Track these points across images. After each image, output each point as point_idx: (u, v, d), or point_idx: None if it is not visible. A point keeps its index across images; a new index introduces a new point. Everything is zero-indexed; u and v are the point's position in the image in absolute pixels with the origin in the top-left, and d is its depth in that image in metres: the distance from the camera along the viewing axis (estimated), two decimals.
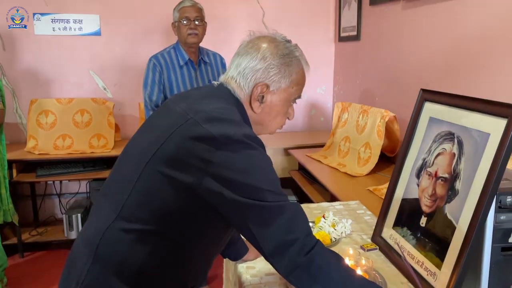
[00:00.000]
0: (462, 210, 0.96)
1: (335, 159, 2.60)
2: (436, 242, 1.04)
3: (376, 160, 2.29)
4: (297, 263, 0.83)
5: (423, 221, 1.11)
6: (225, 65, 2.51)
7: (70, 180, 3.10)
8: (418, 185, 1.17)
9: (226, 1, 3.35)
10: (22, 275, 2.70)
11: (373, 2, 2.82)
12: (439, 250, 1.02)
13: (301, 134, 3.48)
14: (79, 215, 2.98)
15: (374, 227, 1.35)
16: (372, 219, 1.52)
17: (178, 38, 2.38)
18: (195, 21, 2.31)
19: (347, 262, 1.10)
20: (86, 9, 3.16)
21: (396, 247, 1.19)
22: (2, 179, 2.51)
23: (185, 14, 2.30)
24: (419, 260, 1.08)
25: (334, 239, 1.34)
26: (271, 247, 0.84)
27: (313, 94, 3.62)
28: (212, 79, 2.42)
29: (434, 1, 2.16)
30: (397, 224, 1.24)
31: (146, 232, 0.88)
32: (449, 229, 1.00)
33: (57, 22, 3.14)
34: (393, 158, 2.48)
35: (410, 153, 1.25)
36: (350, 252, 1.14)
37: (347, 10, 3.22)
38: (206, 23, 2.38)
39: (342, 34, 3.37)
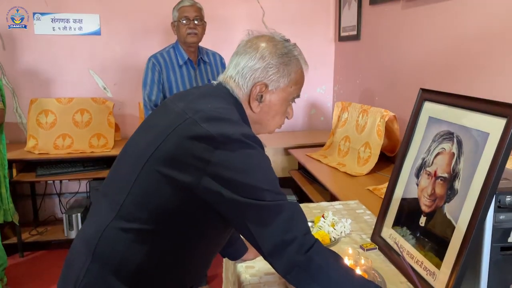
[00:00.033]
0: (461, 210, 0.96)
1: (335, 159, 2.59)
2: (435, 241, 1.04)
3: (375, 159, 2.29)
4: (295, 262, 0.83)
5: (423, 220, 1.11)
6: (224, 64, 2.51)
7: (70, 179, 3.10)
8: (417, 184, 1.17)
9: (226, 0, 3.35)
10: (22, 275, 2.70)
11: (373, 1, 2.81)
12: (439, 250, 1.01)
13: (301, 134, 3.48)
14: (79, 215, 2.98)
15: (373, 227, 1.35)
16: (371, 219, 1.52)
17: (177, 37, 2.38)
18: (195, 20, 2.30)
19: (347, 262, 1.09)
20: (86, 8, 3.16)
21: (395, 247, 1.19)
22: (3, 179, 2.51)
23: (184, 14, 2.30)
24: (419, 259, 1.08)
25: (333, 239, 1.34)
26: (270, 247, 0.84)
27: (313, 94, 3.62)
28: (211, 79, 2.42)
29: (434, 0, 2.15)
30: (396, 223, 1.24)
31: (144, 231, 0.88)
32: (448, 228, 0.99)
33: (57, 21, 3.14)
34: (393, 158, 2.48)
35: (410, 152, 1.25)
36: (350, 251, 1.14)
37: (347, 9, 3.22)
38: (205, 23, 2.38)
39: (342, 34, 3.37)
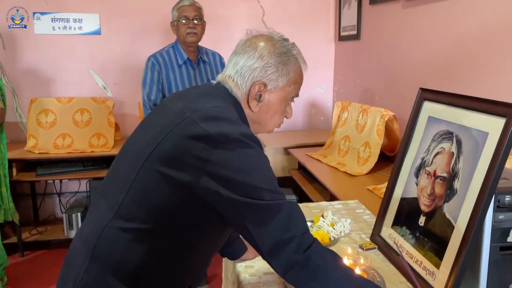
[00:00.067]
0: (461, 209, 0.96)
1: (335, 158, 2.59)
2: (435, 241, 1.04)
3: (375, 159, 2.29)
4: (294, 262, 0.83)
5: (422, 220, 1.11)
6: (224, 64, 2.51)
7: (70, 179, 3.10)
8: (417, 184, 1.17)
9: (226, 0, 3.35)
10: (22, 274, 2.70)
11: (373, 1, 2.81)
12: (438, 250, 1.01)
13: (301, 133, 3.48)
14: (79, 214, 2.99)
15: (373, 226, 1.35)
16: (371, 219, 1.52)
17: (177, 37, 2.38)
18: (194, 20, 2.30)
19: (346, 262, 1.09)
20: (86, 8, 3.16)
21: (394, 247, 1.19)
22: (3, 178, 2.52)
23: (184, 13, 2.30)
24: (418, 259, 1.08)
25: (333, 238, 1.34)
26: (268, 246, 0.83)
27: (313, 93, 3.62)
28: (211, 78, 2.42)
29: (434, 0, 2.15)
30: (396, 223, 1.24)
31: (143, 231, 0.88)
32: (447, 228, 0.99)
33: (57, 21, 3.14)
34: (392, 158, 2.48)
35: (409, 152, 1.25)
36: (349, 251, 1.14)
37: (347, 9, 3.22)
38: (205, 22, 2.37)
39: (342, 33, 3.37)
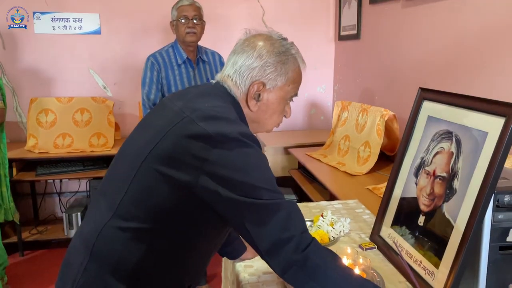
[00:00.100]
0: (460, 209, 0.96)
1: (335, 158, 2.59)
2: (434, 241, 1.04)
3: (375, 159, 2.29)
4: (292, 261, 0.83)
5: (421, 220, 1.11)
6: (223, 63, 2.50)
7: (70, 178, 3.10)
8: (416, 184, 1.17)
9: (226, 0, 3.35)
10: (22, 274, 2.71)
11: (373, 1, 2.81)
12: (438, 249, 1.01)
13: (301, 133, 3.48)
14: (79, 214, 2.99)
15: (372, 226, 1.35)
16: (370, 218, 1.52)
17: (176, 36, 2.38)
18: (193, 19, 2.30)
19: (345, 261, 1.09)
20: (86, 8, 3.16)
21: (394, 246, 1.19)
22: (3, 178, 2.52)
23: (183, 13, 2.30)
24: (417, 259, 1.08)
25: (332, 238, 1.34)
26: (267, 246, 0.83)
27: (313, 93, 3.62)
28: (210, 78, 2.42)
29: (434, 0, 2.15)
30: (395, 223, 1.24)
31: (142, 230, 0.88)
32: (447, 228, 0.99)
33: (57, 21, 3.14)
34: (392, 157, 2.48)
35: (409, 152, 1.24)
36: (348, 251, 1.14)
37: (347, 9, 3.22)
38: (204, 22, 2.37)
39: (342, 33, 3.36)
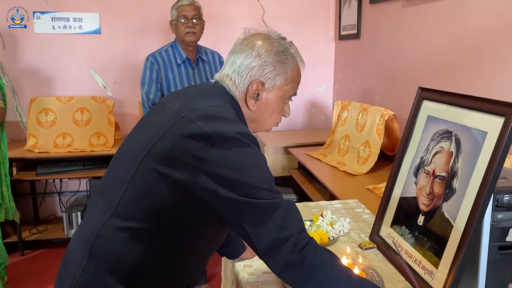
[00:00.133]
0: (460, 209, 0.96)
1: (335, 158, 2.59)
2: (434, 241, 1.04)
3: (375, 158, 2.28)
4: (290, 261, 0.83)
5: (421, 219, 1.11)
6: (223, 63, 2.50)
7: (70, 178, 3.10)
8: (416, 183, 1.16)
9: None
10: (22, 273, 2.71)
11: (373, 0, 2.81)
12: (437, 249, 1.01)
13: (301, 133, 3.47)
14: (79, 213, 2.99)
15: (372, 226, 1.35)
16: (370, 218, 1.51)
17: (176, 36, 2.37)
18: (193, 19, 2.30)
19: (345, 261, 1.09)
20: (86, 7, 3.16)
21: (393, 246, 1.18)
22: (4, 177, 2.52)
23: (182, 13, 2.29)
24: (417, 258, 1.08)
25: (332, 238, 1.34)
26: (265, 245, 0.83)
27: (313, 93, 3.61)
28: (210, 78, 2.42)
29: None
30: (395, 222, 1.23)
31: (140, 230, 0.88)
32: (446, 228, 0.99)
33: (57, 20, 3.14)
34: (392, 157, 2.47)
35: (408, 151, 1.24)
36: (348, 250, 1.14)
37: (347, 8, 3.21)
38: (204, 22, 2.37)
39: (342, 33, 3.36)
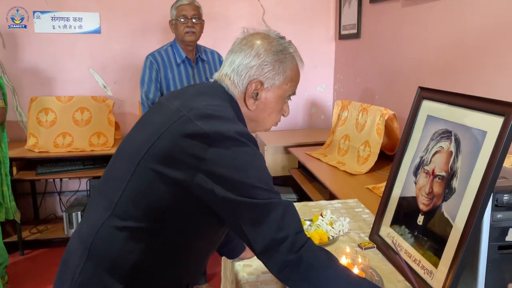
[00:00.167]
0: (459, 208, 0.96)
1: (335, 157, 2.59)
2: (433, 240, 1.03)
3: (375, 158, 2.28)
4: (287, 261, 0.83)
5: (420, 219, 1.10)
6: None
7: (70, 178, 3.10)
8: (415, 183, 1.16)
9: None
10: (22, 273, 2.71)
11: (373, 0, 2.80)
12: (437, 249, 1.01)
13: (301, 132, 3.47)
14: (79, 213, 2.99)
15: (371, 226, 1.34)
16: (370, 218, 1.51)
17: (175, 36, 2.37)
18: (193, 19, 2.29)
19: (344, 261, 1.09)
20: (86, 7, 3.16)
21: (393, 246, 1.18)
22: (4, 177, 2.52)
23: (182, 12, 2.29)
24: (416, 258, 1.08)
25: (331, 237, 1.34)
26: (262, 246, 0.83)
27: (313, 92, 3.61)
28: (209, 77, 2.41)
29: None
30: (395, 222, 1.23)
31: (139, 229, 0.88)
32: (446, 227, 0.99)
33: (57, 20, 3.14)
34: (392, 157, 2.47)
35: (408, 151, 1.24)
36: (347, 250, 1.14)
37: (347, 8, 3.21)
38: (203, 21, 2.37)
39: (343, 32, 3.36)
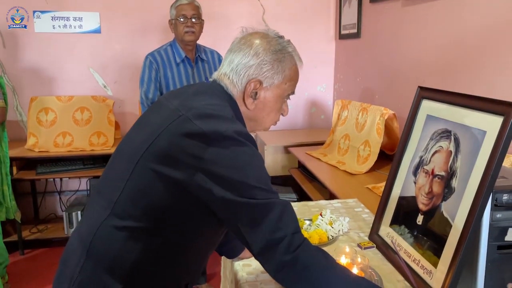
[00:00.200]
0: (458, 208, 0.96)
1: (335, 157, 2.59)
2: (433, 240, 1.03)
3: (375, 158, 2.28)
4: (283, 262, 0.83)
5: (420, 219, 1.10)
6: None
7: (70, 177, 3.11)
8: (415, 183, 1.16)
9: None
10: (22, 272, 2.71)
11: None
12: (436, 248, 1.01)
13: (301, 132, 3.47)
14: (79, 213, 2.99)
15: (371, 225, 1.34)
16: (370, 217, 1.51)
17: (175, 35, 2.37)
18: (192, 18, 2.29)
19: (343, 260, 1.09)
20: (86, 6, 3.16)
21: (392, 245, 1.18)
22: (5, 176, 2.52)
23: (182, 12, 2.29)
24: (416, 258, 1.08)
25: (331, 237, 1.34)
26: (259, 246, 0.83)
27: (313, 92, 3.61)
28: (209, 77, 2.42)
29: None
30: (394, 222, 1.23)
31: (138, 229, 0.88)
32: (445, 227, 0.99)
33: (57, 19, 3.14)
34: (392, 156, 2.46)
35: (408, 151, 1.24)
36: (347, 250, 1.14)
37: (348, 7, 3.21)
38: (203, 21, 2.37)
39: (343, 32, 3.36)
